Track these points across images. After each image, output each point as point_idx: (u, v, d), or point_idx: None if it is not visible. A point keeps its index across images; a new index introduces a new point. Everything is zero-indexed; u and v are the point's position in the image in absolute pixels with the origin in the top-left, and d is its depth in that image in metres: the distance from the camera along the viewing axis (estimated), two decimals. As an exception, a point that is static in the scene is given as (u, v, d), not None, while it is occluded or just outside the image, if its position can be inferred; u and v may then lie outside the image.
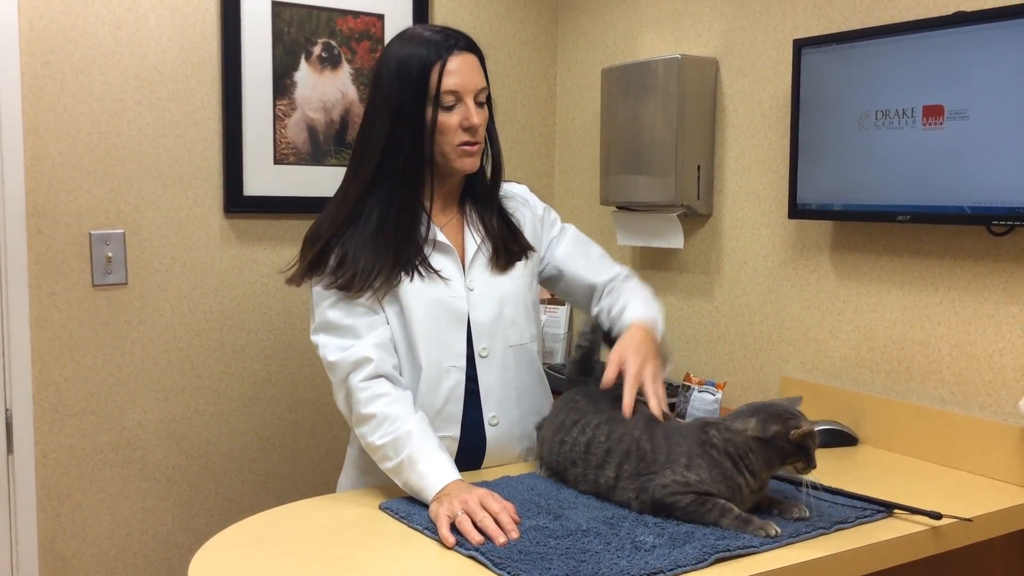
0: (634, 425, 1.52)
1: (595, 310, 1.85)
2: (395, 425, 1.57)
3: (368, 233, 1.67)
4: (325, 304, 1.69)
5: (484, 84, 1.71)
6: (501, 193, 1.85)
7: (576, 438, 1.58)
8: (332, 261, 1.68)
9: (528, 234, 1.84)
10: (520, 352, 1.78)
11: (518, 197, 1.88)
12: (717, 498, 1.42)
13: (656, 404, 1.54)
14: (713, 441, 1.43)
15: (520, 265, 1.80)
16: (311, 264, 1.70)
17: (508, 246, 1.78)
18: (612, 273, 1.89)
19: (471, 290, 1.73)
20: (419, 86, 1.65)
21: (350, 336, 1.66)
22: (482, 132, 1.72)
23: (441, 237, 1.74)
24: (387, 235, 1.67)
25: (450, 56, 1.66)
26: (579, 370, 1.75)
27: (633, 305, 1.76)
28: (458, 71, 1.66)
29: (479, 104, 1.70)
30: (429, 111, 1.66)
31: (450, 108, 1.66)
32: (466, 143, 1.68)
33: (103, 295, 2.32)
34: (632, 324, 1.70)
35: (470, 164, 1.71)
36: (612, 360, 1.62)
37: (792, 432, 1.40)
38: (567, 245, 1.90)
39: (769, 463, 1.43)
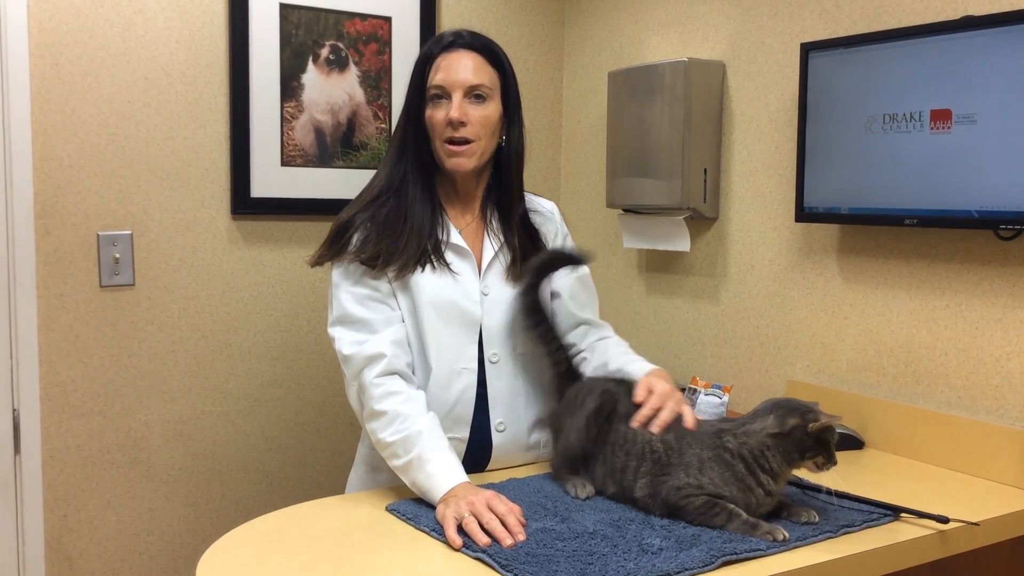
0: (645, 428, 1.52)
1: (572, 340, 1.84)
2: (406, 423, 1.58)
3: (388, 221, 1.69)
4: (344, 296, 1.69)
5: (479, 82, 1.69)
6: (529, 207, 1.84)
7: (609, 433, 1.57)
8: (354, 241, 1.69)
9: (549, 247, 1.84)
10: (530, 360, 1.78)
11: (546, 212, 1.88)
12: (727, 502, 1.42)
13: (690, 414, 1.55)
14: (727, 446, 1.43)
15: None
16: (332, 244, 1.71)
17: (528, 256, 1.78)
18: (598, 321, 1.88)
19: (485, 295, 1.74)
20: (418, 83, 1.71)
21: (365, 330, 1.66)
22: (475, 130, 1.69)
23: (458, 239, 1.74)
24: (405, 225, 1.69)
25: (443, 52, 1.70)
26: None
27: (637, 362, 1.76)
28: (447, 67, 1.68)
29: (477, 99, 1.69)
30: (426, 107, 1.70)
31: (437, 104, 1.69)
32: (449, 140, 1.68)
33: (110, 296, 2.32)
34: (650, 370, 1.72)
35: (454, 164, 1.70)
36: (641, 384, 1.61)
37: (811, 424, 1.41)
38: (573, 279, 1.86)
39: (788, 458, 1.42)
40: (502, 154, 1.78)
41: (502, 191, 1.79)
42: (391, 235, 1.68)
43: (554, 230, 1.87)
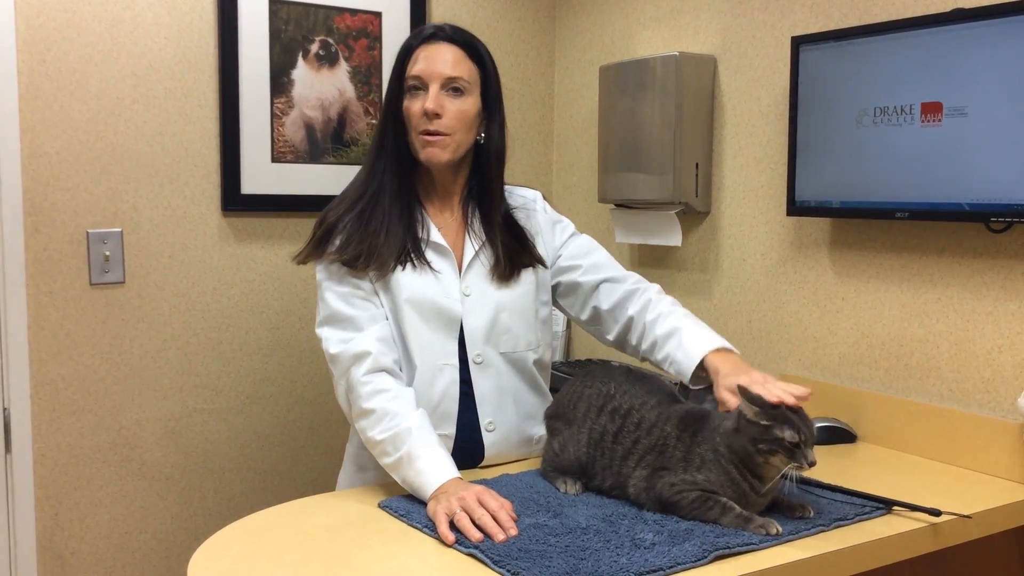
0: (667, 420, 1.49)
1: (623, 322, 1.77)
2: (395, 421, 1.57)
3: (368, 220, 1.69)
4: (329, 295, 1.69)
5: (457, 74, 1.67)
6: (511, 201, 1.82)
7: (605, 426, 1.54)
8: (337, 242, 1.69)
9: (539, 244, 1.81)
10: (515, 360, 1.76)
11: (528, 206, 1.85)
12: (720, 496, 1.41)
13: (790, 394, 1.41)
14: (720, 450, 1.43)
15: (525, 274, 1.77)
16: (316, 243, 1.71)
17: (513, 256, 1.76)
18: (632, 280, 1.81)
19: (467, 295, 1.72)
20: (399, 74, 1.70)
21: (351, 328, 1.66)
22: (450, 123, 1.67)
23: (437, 237, 1.73)
24: (384, 223, 1.69)
25: (422, 44, 1.69)
26: None
27: (691, 332, 1.65)
28: (425, 58, 1.67)
29: (454, 92, 1.68)
30: (405, 99, 1.70)
31: (414, 95, 1.68)
32: (424, 132, 1.67)
33: (101, 294, 2.31)
34: (708, 355, 1.60)
35: (428, 155, 1.69)
36: (725, 391, 1.50)
37: (741, 406, 1.40)
38: (583, 251, 1.84)
39: (747, 455, 1.40)
40: (481, 151, 1.75)
41: (482, 189, 1.77)
42: (371, 234, 1.68)
43: (539, 224, 1.83)
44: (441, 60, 1.67)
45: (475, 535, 1.37)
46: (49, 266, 2.24)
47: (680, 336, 1.66)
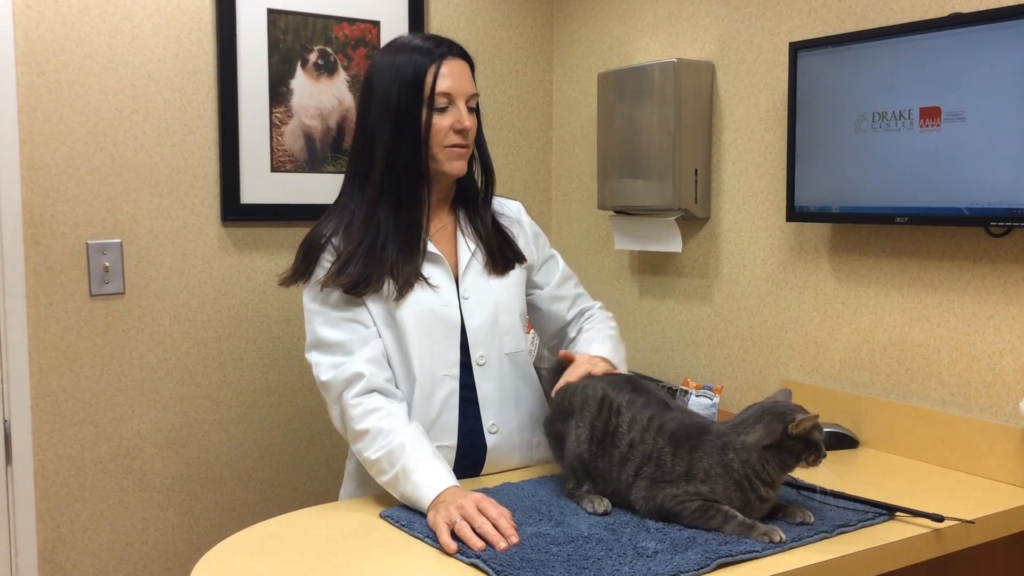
0: (659, 434, 1.48)
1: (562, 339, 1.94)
2: (388, 438, 1.57)
3: (380, 240, 1.68)
4: (316, 320, 1.69)
5: (475, 91, 1.73)
6: (495, 208, 1.86)
7: (604, 425, 1.54)
8: (327, 265, 1.68)
9: (520, 247, 1.85)
10: (516, 360, 1.78)
11: (511, 214, 1.90)
12: (722, 505, 1.41)
13: (603, 368, 1.64)
14: (733, 465, 1.42)
15: (514, 273, 1.80)
16: (307, 266, 1.70)
17: (503, 251, 1.80)
18: (586, 306, 1.95)
19: (466, 299, 1.73)
20: (415, 89, 1.68)
21: (341, 353, 1.66)
22: (471, 137, 1.73)
23: (431, 247, 1.73)
24: (396, 242, 1.68)
25: (444, 60, 1.70)
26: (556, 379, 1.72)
27: (599, 342, 1.80)
28: (451, 75, 1.69)
29: (470, 110, 1.72)
30: (424, 113, 1.68)
31: (443, 110, 1.69)
32: (456, 145, 1.70)
33: (101, 305, 2.31)
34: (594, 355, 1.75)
35: (459, 167, 1.73)
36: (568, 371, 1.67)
37: (790, 425, 1.40)
38: (555, 278, 1.92)
39: (785, 466, 1.42)
40: (473, 158, 1.81)
41: (473, 192, 1.82)
42: (373, 259, 1.66)
43: (523, 234, 1.88)
44: (464, 77, 1.71)
45: (477, 544, 1.37)
46: (49, 277, 2.24)
47: (589, 346, 1.81)
